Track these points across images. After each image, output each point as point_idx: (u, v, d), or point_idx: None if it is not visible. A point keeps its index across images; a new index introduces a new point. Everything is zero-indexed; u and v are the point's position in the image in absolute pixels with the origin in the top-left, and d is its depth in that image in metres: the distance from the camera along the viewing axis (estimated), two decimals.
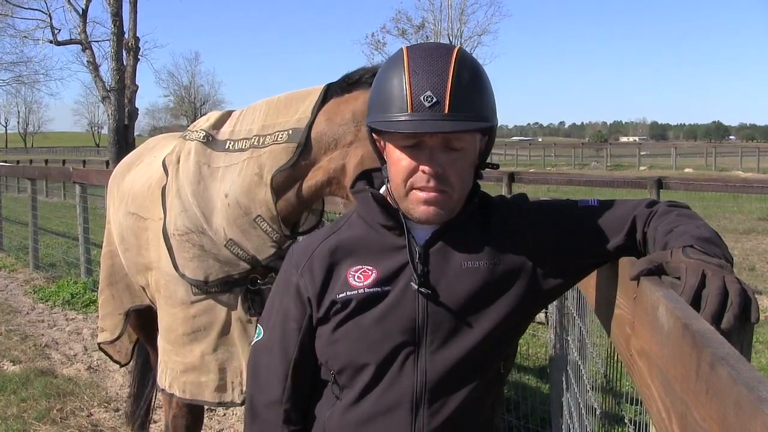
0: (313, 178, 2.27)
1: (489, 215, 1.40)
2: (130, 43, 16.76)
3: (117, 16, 16.22)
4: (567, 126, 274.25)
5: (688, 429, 0.88)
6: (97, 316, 3.31)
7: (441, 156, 1.27)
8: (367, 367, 1.33)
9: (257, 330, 1.48)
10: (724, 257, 1.15)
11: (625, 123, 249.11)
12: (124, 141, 16.29)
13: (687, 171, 26.79)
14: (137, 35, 17.07)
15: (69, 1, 18.43)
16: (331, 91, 2.27)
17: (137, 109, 17.58)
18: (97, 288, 3.41)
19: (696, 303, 1.03)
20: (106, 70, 17.58)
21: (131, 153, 3.25)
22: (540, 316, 4.78)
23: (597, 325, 2.98)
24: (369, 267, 1.34)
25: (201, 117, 2.72)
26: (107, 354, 3.29)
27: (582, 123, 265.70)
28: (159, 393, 2.97)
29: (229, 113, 2.57)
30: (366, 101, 2.18)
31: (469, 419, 1.35)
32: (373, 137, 1.39)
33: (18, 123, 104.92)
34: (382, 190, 1.42)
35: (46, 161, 32.22)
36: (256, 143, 2.33)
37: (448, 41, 31.59)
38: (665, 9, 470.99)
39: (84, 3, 18.49)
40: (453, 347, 1.31)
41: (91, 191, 8.71)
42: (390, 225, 1.36)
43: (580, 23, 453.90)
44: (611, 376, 3.54)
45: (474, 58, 1.33)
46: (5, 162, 25.79)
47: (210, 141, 2.45)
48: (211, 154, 2.42)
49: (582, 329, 2.92)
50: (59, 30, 20.21)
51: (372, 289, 1.32)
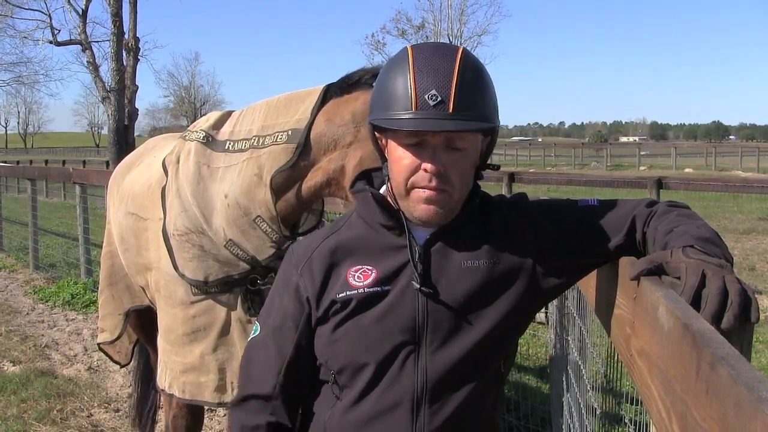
0: (313, 178, 2.27)
1: (489, 215, 1.40)
2: (130, 44, 16.76)
3: (117, 16, 16.22)
4: (567, 126, 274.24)
5: (688, 429, 0.88)
6: (97, 316, 3.31)
7: (443, 155, 1.27)
8: (367, 367, 1.32)
9: (254, 327, 1.48)
10: (724, 257, 1.15)
11: (625, 123, 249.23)
12: (124, 141, 16.29)
13: (687, 171, 26.80)
14: (137, 35, 17.08)
15: (69, 2, 18.45)
16: (331, 92, 2.27)
17: (137, 110, 17.59)
18: (97, 288, 3.40)
19: (696, 303, 1.03)
20: (106, 70, 17.61)
21: (131, 153, 3.25)
22: (540, 316, 4.78)
23: (597, 325, 2.98)
24: (369, 267, 1.34)
25: (201, 117, 2.72)
26: (107, 354, 3.29)
27: (582, 123, 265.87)
28: (159, 393, 2.97)
29: (229, 114, 2.57)
30: (365, 102, 2.19)
31: (470, 418, 1.35)
32: (375, 135, 1.38)
33: (18, 123, 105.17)
34: (382, 189, 1.42)
35: (46, 162, 32.22)
36: (255, 144, 2.33)
37: (448, 41, 31.61)
38: (665, 9, 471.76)
39: (84, 3, 18.49)
40: (453, 346, 1.31)
41: (91, 191, 8.71)
42: (390, 225, 1.36)
43: (579, 23, 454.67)
44: (611, 376, 3.54)
45: (477, 58, 1.33)
46: (5, 162, 25.75)
47: (210, 141, 2.45)
48: (211, 154, 2.42)
49: (582, 329, 2.92)
50: (59, 30, 20.25)
51: (372, 289, 1.32)
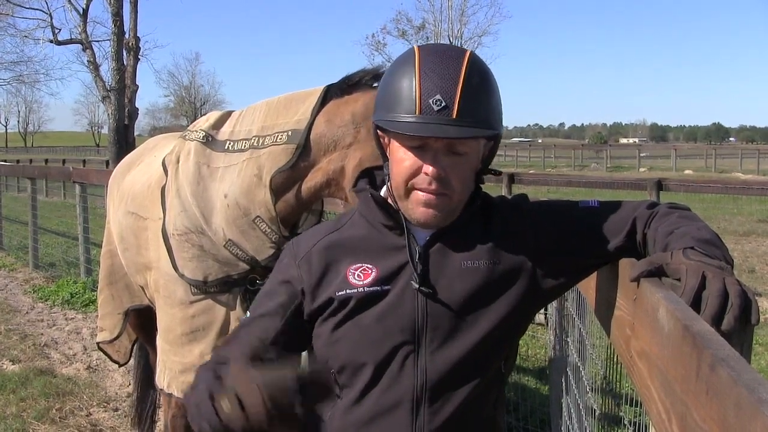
0: (313, 179, 2.27)
1: (490, 216, 1.40)
2: (130, 43, 16.75)
3: (117, 15, 16.21)
4: (567, 127, 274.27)
5: (688, 430, 0.88)
6: (97, 315, 3.30)
7: (444, 159, 1.27)
8: (367, 367, 1.32)
9: (246, 314, 1.45)
10: (724, 259, 1.15)
11: (625, 124, 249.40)
12: (124, 141, 16.27)
13: (687, 173, 26.82)
14: (138, 35, 17.06)
15: (69, 1, 18.39)
16: (331, 93, 2.27)
17: (137, 109, 17.57)
18: (97, 288, 3.40)
19: (696, 304, 1.03)
20: (106, 69, 17.56)
21: (131, 153, 3.25)
22: (540, 317, 4.78)
23: (597, 327, 2.98)
24: (369, 266, 1.34)
25: (201, 117, 2.72)
26: (106, 353, 3.28)
27: (582, 124, 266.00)
28: (158, 393, 2.97)
29: (229, 113, 2.57)
30: (365, 103, 2.20)
31: (471, 418, 1.35)
32: (378, 134, 1.38)
33: (18, 122, 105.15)
34: (383, 190, 1.42)
35: (46, 161, 32.14)
36: (255, 144, 2.33)
37: (448, 42, 31.59)
38: (665, 10, 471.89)
39: (84, 3, 18.46)
40: (453, 346, 1.31)
41: (91, 191, 8.70)
42: (390, 225, 1.36)
43: (580, 24, 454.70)
44: (611, 377, 3.54)
45: (484, 63, 1.32)
46: (5, 161, 25.78)
47: (209, 141, 2.45)
48: (211, 154, 2.42)
49: (582, 330, 2.92)
50: (60, 30, 20.16)
51: (372, 288, 1.32)
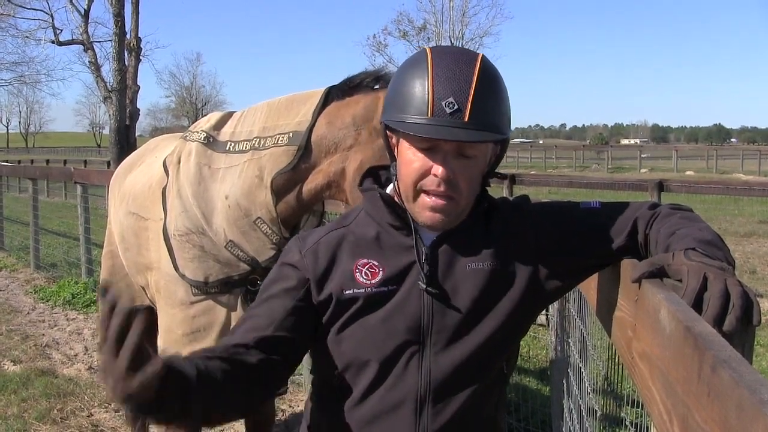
0: (314, 181, 2.27)
1: (491, 217, 1.41)
2: (131, 44, 16.79)
3: (119, 16, 16.24)
4: (568, 128, 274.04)
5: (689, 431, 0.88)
6: (98, 316, 3.31)
7: (453, 161, 1.27)
8: (371, 366, 1.33)
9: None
10: (725, 260, 1.15)
11: (627, 125, 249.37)
12: (125, 141, 16.30)
13: (688, 174, 26.82)
14: (139, 35, 17.10)
15: (71, 2, 18.45)
16: (332, 95, 2.27)
17: (139, 110, 17.61)
18: (98, 288, 3.40)
19: (698, 306, 1.03)
20: (107, 70, 17.61)
21: (133, 153, 3.25)
22: (541, 318, 4.78)
23: (598, 328, 2.98)
24: (376, 264, 1.34)
25: (202, 118, 2.72)
26: None
27: (583, 125, 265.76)
28: None
29: (230, 114, 2.57)
30: (366, 106, 2.20)
31: (473, 419, 1.36)
32: (386, 134, 1.38)
33: (19, 123, 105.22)
34: (389, 188, 1.42)
35: (47, 161, 32.21)
36: (256, 145, 2.33)
37: (449, 43, 31.57)
38: (666, 10, 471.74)
39: (86, 3, 18.51)
40: (457, 347, 1.32)
41: (93, 191, 8.70)
42: (398, 225, 1.36)
43: (581, 25, 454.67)
44: (612, 378, 3.54)
45: (496, 67, 1.32)
46: (7, 162, 25.78)
47: (211, 142, 2.45)
48: (212, 155, 2.42)
49: (583, 331, 2.92)
50: (61, 30, 20.22)
51: (379, 289, 1.32)
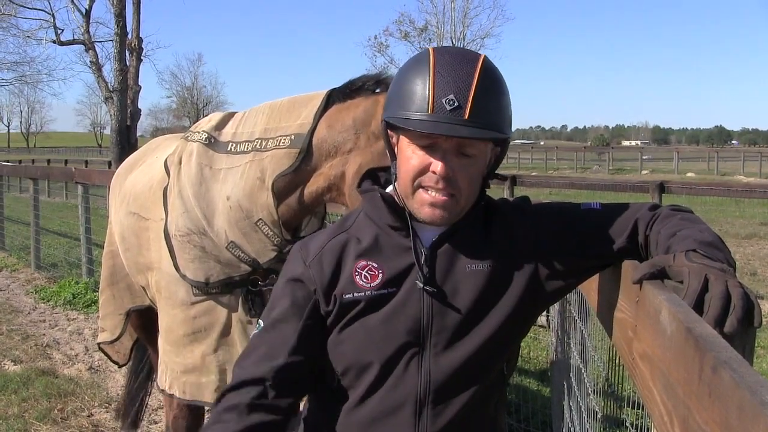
0: (315, 183, 2.27)
1: (492, 218, 1.41)
2: (133, 44, 16.78)
3: (120, 16, 16.24)
4: (569, 129, 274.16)
5: None
6: (98, 316, 3.31)
7: (453, 159, 1.27)
8: (372, 367, 1.33)
9: (258, 324, 1.45)
10: (726, 262, 1.15)
11: (628, 127, 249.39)
12: (126, 141, 16.29)
13: (689, 175, 26.82)
14: (140, 36, 17.08)
15: (72, 2, 18.44)
16: (334, 97, 2.27)
17: (140, 110, 17.59)
18: (98, 288, 3.41)
19: (698, 307, 1.03)
20: (109, 70, 17.60)
21: (134, 153, 3.25)
22: (541, 319, 4.78)
23: (598, 329, 2.98)
24: (376, 266, 1.34)
25: (203, 118, 2.72)
26: (106, 354, 3.29)
27: (584, 126, 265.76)
28: (160, 394, 2.97)
29: (232, 114, 2.57)
30: (366, 109, 2.20)
31: (473, 420, 1.36)
32: (387, 132, 1.38)
33: (20, 123, 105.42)
34: (389, 188, 1.42)
35: (48, 161, 32.21)
36: (258, 146, 2.33)
37: (451, 44, 31.57)
38: (667, 12, 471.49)
39: (87, 3, 18.51)
40: (457, 349, 1.32)
41: (93, 191, 8.71)
42: (397, 226, 1.37)
43: (582, 26, 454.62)
44: (613, 379, 3.54)
45: (498, 68, 1.32)
46: (8, 162, 25.78)
47: (212, 142, 2.45)
48: (213, 155, 2.42)
49: (583, 332, 2.92)
50: (62, 30, 20.17)
51: (379, 291, 1.33)
